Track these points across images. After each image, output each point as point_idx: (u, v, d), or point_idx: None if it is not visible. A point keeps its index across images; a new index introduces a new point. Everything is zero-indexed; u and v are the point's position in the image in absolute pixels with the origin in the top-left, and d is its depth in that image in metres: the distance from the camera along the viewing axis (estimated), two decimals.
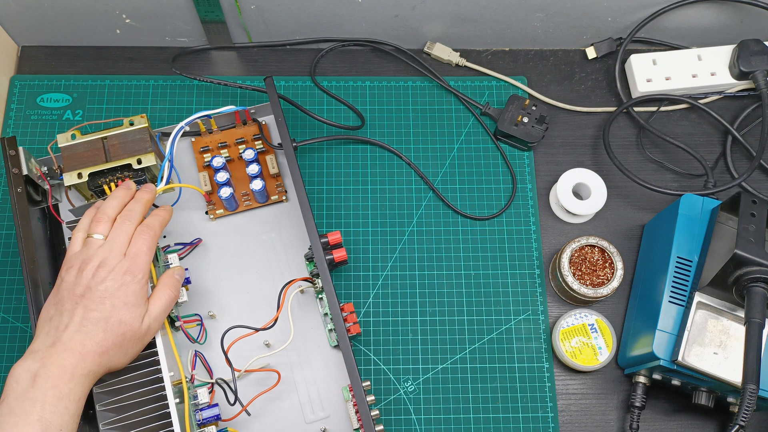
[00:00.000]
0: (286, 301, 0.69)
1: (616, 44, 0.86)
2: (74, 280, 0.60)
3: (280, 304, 0.68)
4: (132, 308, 0.59)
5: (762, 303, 0.60)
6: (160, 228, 0.65)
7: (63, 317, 0.58)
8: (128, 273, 0.60)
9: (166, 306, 0.63)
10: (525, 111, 0.81)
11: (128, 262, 0.61)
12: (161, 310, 0.62)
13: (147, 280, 0.62)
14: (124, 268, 0.60)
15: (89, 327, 0.58)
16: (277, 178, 0.76)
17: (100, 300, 0.58)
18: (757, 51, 0.81)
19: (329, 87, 0.85)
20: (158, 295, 0.63)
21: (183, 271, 0.67)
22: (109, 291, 0.59)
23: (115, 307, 0.59)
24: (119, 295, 0.59)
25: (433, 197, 0.80)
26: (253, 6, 0.79)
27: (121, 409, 0.61)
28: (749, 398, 0.56)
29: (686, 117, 0.85)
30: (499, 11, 0.81)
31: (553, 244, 0.79)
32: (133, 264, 0.61)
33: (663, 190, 0.76)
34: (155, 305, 0.62)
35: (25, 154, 0.69)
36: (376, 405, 0.72)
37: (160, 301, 0.63)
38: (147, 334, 0.61)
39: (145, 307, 0.61)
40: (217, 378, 0.67)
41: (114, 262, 0.60)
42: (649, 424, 0.73)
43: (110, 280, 0.59)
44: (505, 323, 0.76)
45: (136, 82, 0.84)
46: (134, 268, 0.61)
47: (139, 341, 0.61)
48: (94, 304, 0.58)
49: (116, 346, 0.59)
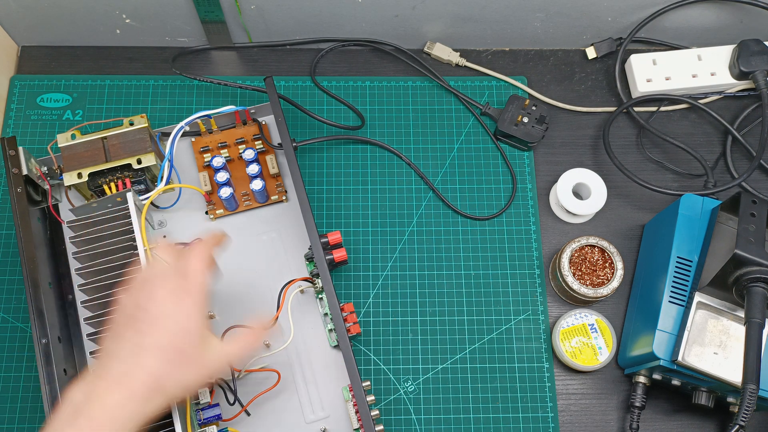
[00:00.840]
0: (286, 301, 0.69)
1: (616, 44, 0.86)
2: (127, 300, 0.54)
3: (280, 303, 0.68)
4: (190, 334, 0.53)
5: (762, 303, 0.60)
6: (214, 243, 0.60)
7: (114, 343, 0.53)
8: (183, 291, 0.54)
9: (239, 352, 0.57)
10: (525, 111, 0.81)
11: (182, 280, 0.54)
12: (234, 351, 0.56)
13: (205, 302, 0.55)
14: (179, 286, 0.54)
15: (141, 354, 0.51)
16: (277, 178, 0.76)
17: (152, 322, 0.52)
18: (757, 51, 0.81)
19: (329, 87, 0.85)
20: (240, 343, 0.58)
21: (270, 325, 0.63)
22: (164, 313, 0.53)
23: (169, 330, 0.52)
24: (175, 317, 0.53)
25: (433, 197, 0.80)
26: (253, 6, 0.79)
27: None
28: (749, 398, 0.57)
29: (686, 117, 0.85)
30: (499, 11, 0.81)
31: (553, 244, 0.79)
32: (187, 282, 0.54)
33: (663, 190, 0.76)
34: (229, 344, 0.57)
35: (25, 154, 0.69)
36: (376, 405, 0.72)
37: (236, 344, 0.57)
38: (209, 364, 0.54)
39: (207, 332, 0.55)
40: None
41: (170, 282, 0.54)
42: (649, 424, 0.73)
43: (165, 299, 0.53)
44: (505, 323, 0.76)
45: (136, 82, 0.84)
46: (189, 287, 0.54)
47: (199, 367, 0.53)
48: (147, 326, 0.52)
49: (170, 375, 0.52)
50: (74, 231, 0.68)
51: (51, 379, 0.63)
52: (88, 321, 0.64)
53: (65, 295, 0.71)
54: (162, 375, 0.51)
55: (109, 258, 0.66)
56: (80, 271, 0.66)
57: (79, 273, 0.66)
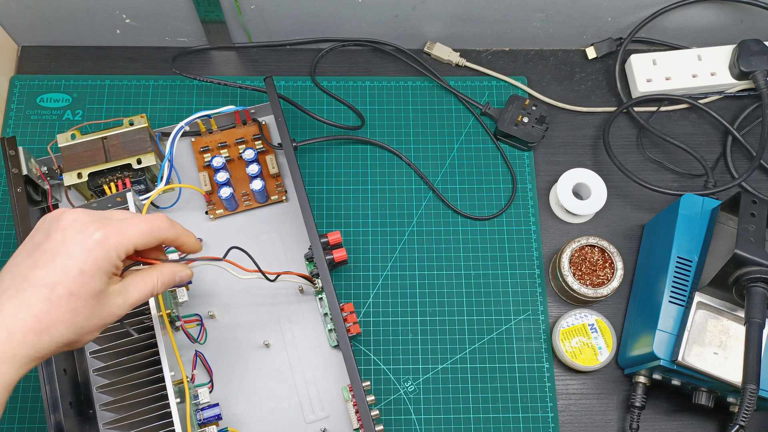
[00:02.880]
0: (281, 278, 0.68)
1: (616, 44, 0.86)
2: (40, 225, 0.48)
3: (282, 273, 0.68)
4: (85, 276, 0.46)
5: (762, 303, 0.60)
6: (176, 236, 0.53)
7: (7, 272, 0.47)
8: (95, 231, 0.47)
9: (144, 294, 0.51)
10: (525, 111, 0.81)
11: (100, 223, 0.48)
12: (138, 297, 0.50)
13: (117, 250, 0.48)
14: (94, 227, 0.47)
15: (28, 292, 0.45)
16: (277, 178, 0.76)
17: (51, 255, 0.46)
18: (757, 51, 0.81)
19: (329, 87, 0.85)
20: (143, 277, 0.51)
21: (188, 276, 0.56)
22: (66, 249, 0.46)
23: (63, 268, 0.46)
24: (75, 256, 0.46)
25: (433, 197, 0.80)
26: (253, 6, 0.79)
27: (121, 409, 0.61)
28: (749, 398, 0.56)
29: (686, 117, 0.85)
30: (499, 11, 0.81)
31: (553, 244, 0.79)
32: (104, 226, 0.48)
33: (663, 190, 0.76)
34: (135, 286, 0.50)
35: (25, 154, 0.69)
36: (376, 405, 0.72)
37: (143, 284, 0.51)
38: (104, 313, 0.48)
39: (113, 281, 0.49)
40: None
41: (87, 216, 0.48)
42: (649, 424, 0.73)
43: (71, 230, 0.47)
44: (505, 323, 0.76)
45: (136, 82, 0.84)
46: (105, 230, 0.47)
47: (91, 315, 0.47)
48: (42, 260, 0.46)
49: (62, 323, 0.46)
50: None
51: (51, 379, 0.63)
52: None
53: None
54: (50, 318, 0.45)
55: None
56: None
57: None
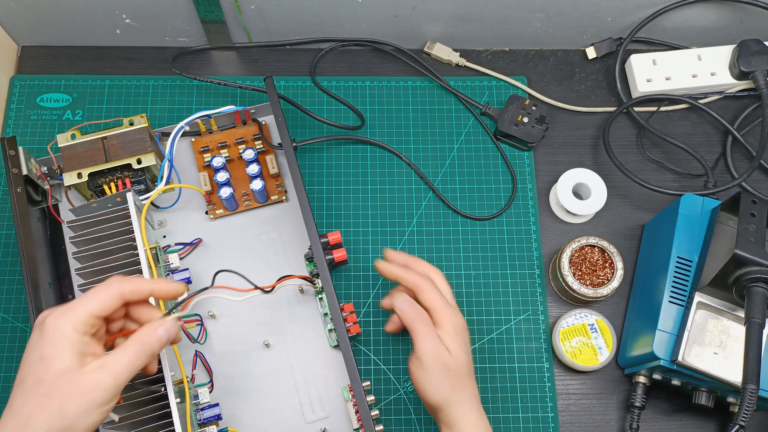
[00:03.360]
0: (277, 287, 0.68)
1: (616, 44, 0.86)
2: None
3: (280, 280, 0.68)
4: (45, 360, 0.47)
5: (762, 303, 0.60)
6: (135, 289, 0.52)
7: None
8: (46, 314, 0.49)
9: (129, 364, 0.49)
10: (525, 111, 0.81)
11: (63, 308, 0.49)
12: (122, 368, 0.49)
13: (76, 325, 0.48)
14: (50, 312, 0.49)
15: (12, 397, 0.48)
16: (277, 178, 0.76)
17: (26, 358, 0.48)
18: (757, 51, 0.81)
19: (329, 87, 0.85)
20: (123, 347, 0.50)
21: (175, 327, 0.53)
22: (27, 348, 0.48)
23: (27, 362, 0.48)
24: (37, 346, 0.48)
25: (433, 197, 0.80)
26: (253, 6, 0.79)
27: (121, 409, 0.61)
28: (749, 398, 0.56)
29: (686, 117, 0.85)
30: (499, 11, 0.81)
31: (553, 244, 0.79)
32: (59, 308, 0.49)
33: (663, 190, 0.76)
34: (115, 358, 0.49)
35: (25, 154, 0.69)
36: (376, 405, 0.72)
37: (124, 354, 0.49)
38: (83, 388, 0.47)
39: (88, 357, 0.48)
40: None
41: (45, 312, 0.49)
42: (649, 424, 0.73)
43: (33, 330, 0.49)
44: (505, 323, 0.76)
45: (136, 82, 0.84)
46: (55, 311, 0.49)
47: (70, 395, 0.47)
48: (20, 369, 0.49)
49: (40, 411, 0.46)
50: (74, 231, 0.68)
51: None
52: None
53: (65, 295, 0.71)
54: (27, 411, 0.46)
55: (109, 258, 0.66)
56: (80, 271, 0.66)
57: (79, 273, 0.66)
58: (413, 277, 0.62)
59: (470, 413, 0.60)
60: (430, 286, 0.62)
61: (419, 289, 0.62)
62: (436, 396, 0.60)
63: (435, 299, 0.61)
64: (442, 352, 0.59)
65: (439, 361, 0.59)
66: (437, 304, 0.61)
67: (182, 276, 0.69)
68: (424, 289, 0.62)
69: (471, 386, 0.61)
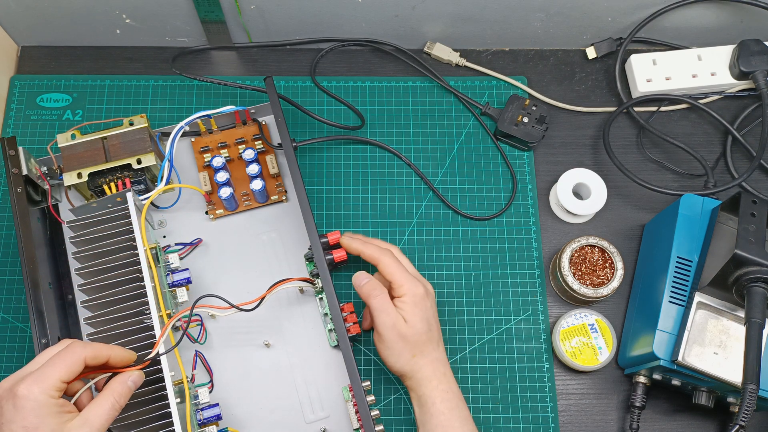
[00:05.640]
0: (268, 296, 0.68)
1: (616, 44, 0.86)
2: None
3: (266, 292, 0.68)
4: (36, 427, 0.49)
5: (762, 303, 0.60)
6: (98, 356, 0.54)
7: None
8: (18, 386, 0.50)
9: (107, 415, 0.52)
10: (525, 111, 0.81)
11: (26, 377, 0.51)
12: (103, 420, 0.52)
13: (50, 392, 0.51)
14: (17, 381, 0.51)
15: None
16: (277, 178, 0.76)
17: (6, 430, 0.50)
18: (757, 51, 0.81)
19: (329, 87, 0.85)
20: (99, 401, 0.53)
21: (140, 377, 0.57)
22: (3, 416, 0.50)
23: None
24: (16, 418, 0.49)
25: (433, 197, 0.80)
26: (253, 6, 0.79)
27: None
28: (749, 398, 0.56)
29: (686, 117, 0.85)
30: (499, 11, 0.81)
31: (553, 244, 0.79)
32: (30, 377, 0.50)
33: (663, 190, 0.76)
34: (94, 412, 0.52)
35: (25, 154, 0.69)
36: (376, 405, 0.72)
37: (101, 408, 0.52)
38: None
39: (68, 416, 0.51)
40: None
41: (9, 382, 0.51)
42: (649, 424, 0.73)
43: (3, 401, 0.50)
44: (505, 323, 0.76)
45: (136, 82, 0.84)
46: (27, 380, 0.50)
47: None
48: None
49: None
50: (74, 231, 0.68)
51: None
52: (87, 321, 0.64)
53: (65, 295, 0.71)
54: None
55: (109, 258, 0.66)
56: (80, 271, 0.66)
57: (79, 273, 0.66)
58: (372, 249, 0.67)
59: (433, 377, 0.64)
60: (389, 259, 0.66)
61: (378, 261, 0.66)
62: (396, 365, 0.64)
63: (394, 271, 0.65)
64: (399, 323, 0.64)
65: (395, 331, 0.63)
66: (396, 275, 0.65)
67: (182, 276, 0.69)
68: (383, 262, 0.66)
69: (434, 353, 0.65)
